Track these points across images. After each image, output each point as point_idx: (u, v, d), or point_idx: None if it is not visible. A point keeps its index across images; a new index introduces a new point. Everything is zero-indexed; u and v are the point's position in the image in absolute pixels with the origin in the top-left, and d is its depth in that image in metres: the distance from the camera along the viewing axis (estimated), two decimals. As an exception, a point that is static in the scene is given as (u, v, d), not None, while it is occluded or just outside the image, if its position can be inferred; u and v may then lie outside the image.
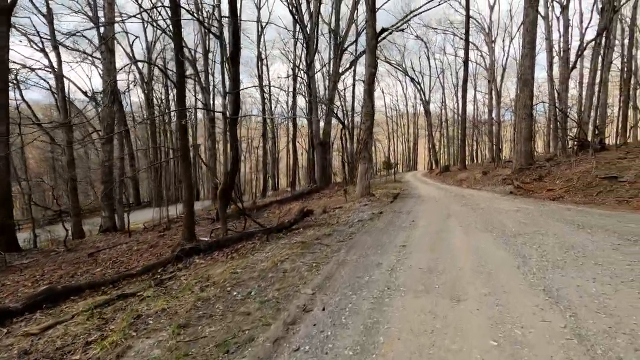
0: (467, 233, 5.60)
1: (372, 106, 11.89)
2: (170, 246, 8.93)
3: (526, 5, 14.09)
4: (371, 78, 11.64)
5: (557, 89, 26.66)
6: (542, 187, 13.20)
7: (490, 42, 35.45)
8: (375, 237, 5.84)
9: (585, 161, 12.96)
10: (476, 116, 45.25)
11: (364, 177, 12.04)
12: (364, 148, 11.94)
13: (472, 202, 9.75)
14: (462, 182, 21.71)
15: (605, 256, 3.94)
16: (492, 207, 8.37)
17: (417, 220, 7.20)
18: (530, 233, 5.27)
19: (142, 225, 15.34)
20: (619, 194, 9.75)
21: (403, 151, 61.71)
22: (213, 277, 4.31)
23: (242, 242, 6.50)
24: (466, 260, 4.15)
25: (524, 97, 14.55)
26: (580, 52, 27.13)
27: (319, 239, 6.08)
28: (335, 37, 22.36)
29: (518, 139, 14.99)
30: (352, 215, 8.96)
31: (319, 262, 4.62)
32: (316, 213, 10.43)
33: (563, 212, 7.31)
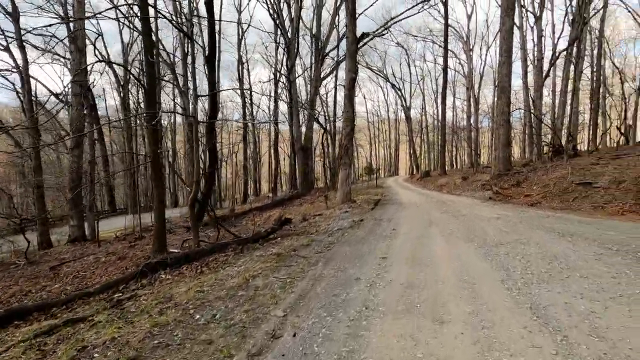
0: (448, 242, 5.40)
1: (352, 111, 11.71)
2: (140, 258, 8.40)
3: (502, 14, 14.32)
4: (351, 83, 11.48)
5: (532, 96, 27.39)
6: (520, 192, 13.33)
7: (469, 50, 36.23)
8: (355, 248, 5.56)
9: (560, 167, 13.18)
10: (455, 122, 46.11)
11: (344, 183, 11.81)
12: (345, 154, 11.73)
13: (452, 209, 9.65)
14: (443, 188, 21.85)
15: (589, 267, 3.79)
16: (472, 214, 8.27)
17: (398, 228, 6.98)
18: (512, 242, 5.13)
19: (114, 234, 14.57)
20: (594, 199, 9.88)
21: (385, 156, 62.20)
22: (176, 297, 3.91)
23: (215, 254, 6.10)
24: (448, 274, 3.92)
25: (502, 104, 14.74)
26: (553, 62, 28.04)
27: (296, 250, 5.76)
28: (317, 42, 22.24)
29: (496, 145, 15.16)
30: (332, 223, 8.68)
31: (294, 278, 4.30)
32: (295, 221, 10.10)
33: (542, 219, 7.26)
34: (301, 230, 8.08)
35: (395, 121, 58.76)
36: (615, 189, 9.74)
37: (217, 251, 6.26)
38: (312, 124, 22.29)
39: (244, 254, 6.09)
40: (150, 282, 4.99)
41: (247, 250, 6.38)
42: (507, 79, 14.56)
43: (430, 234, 6.10)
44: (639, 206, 8.65)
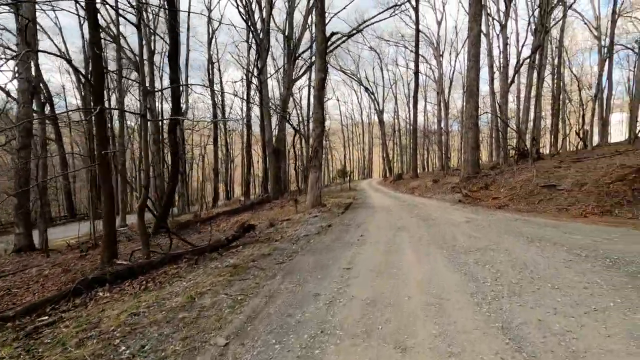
0: (417, 250, 5.10)
1: (322, 112, 11.36)
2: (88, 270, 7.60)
3: (470, 20, 14.49)
4: (321, 83, 11.13)
5: (499, 102, 28.22)
6: (488, 195, 13.45)
7: (439, 56, 37.02)
8: (319, 257, 5.16)
9: (526, 170, 13.43)
10: (427, 126, 47.01)
11: (314, 186, 11.42)
12: (315, 156, 11.34)
13: (423, 213, 9.47)
14: (414, 190, 21.96)
15: (560, 277, 3.57)
16: (442, 218, 8.09)
17: (366, 234, 6.65)
18: (482, 249, 4.89)
19: (67, 242, 13.41)
20: (558, 202, 10.02)
21: (359, 159, 62.55)
22: (105, 322, 3.34)
23: (166, 267, 5.51)
24: (415, 287, 3.58)
25: (470, 108, 14.90)
26: (517, 69, 29.00)
27: (255, 261, 5.28)
28: (289, 43, 21.81)
29: (465, 148, 15.30)
30: (299, 228, 8.25)
31: (247, 294, 3.83)
32: (262, 227, 9.59)
33: (510, 222, 7.16)
34: (265, 238, 7.58)
35: (368, 124, 59.25)
36: (577, 191, 9.92)
37: (168, 263, 5.66)
38: (284, 126, 21.79)
39: (198, 265, 5.53)
40: (85, 302, 4.35)
41: (204, 261, 5.82)
42: (475, 83, 14.74)
43: (399, 241, 5.79)
44: (600, 208, 8.80)
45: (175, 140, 11.78)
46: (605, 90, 31.34)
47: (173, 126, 11.61)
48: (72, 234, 16.43)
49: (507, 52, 28.43)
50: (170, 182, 11.98)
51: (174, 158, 11.79)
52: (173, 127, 11.61)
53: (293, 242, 6.67)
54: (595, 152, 20.05)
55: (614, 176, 9.51)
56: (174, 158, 11.82)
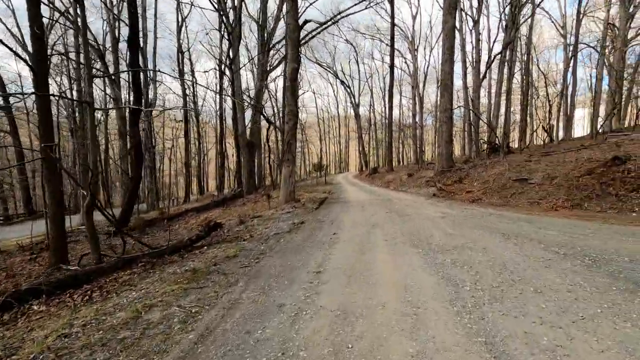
0: (392, 249, 4.80)
1: (295, 104, 10.87)
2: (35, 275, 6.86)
3: (445, 13, 14.36)
4: (294, 74, 10.62)
5: (471, 96, 28.69)
6: (462, 189, 13.48)
7: (414, 50, 37.16)
8: (288, 259, 4.75)
9: (498, 164, 13.55)
10: (402, 120, 47.37)
11: (287, 181, 10.97)
12: (287, 150, 10.87)
13: (398, 208, 9.25)
14: (390, 184, 21.94)
15: (542, 278, 3.35)
16: (418, 214, 7.88)
17: (339, 232, 6.30)
18: (458, 247, 4.65)
19: (19, 242, 12.29)
20: (530, 195, 10.09)
21: (335, 153, 62.42)
22: (27, 346, 2.80)
23: (118, 272, 4.93)
24: (390, 294, 3.25)
25: (444, 101, 14.85)
26: (489, 64, 29.47)
27: (218, 265, 4.81)
28: (262, 33, 21.03)
29: (440, 142, 15.29)
30: (270, 226, 7.81)
31: (203, 306, 3.38)
32: (232, 224, 9.06)
33: (485, 217, 7.03)
34: (233, 237, 7.09)
35: (345, 118, 59.09)
36: (548, 185, 10.02)
37: (122, 268, 5.08)
38: (258, 119, 21.09)
39: (154, 270, 4.99)
40: (14, 318, 3.74)
41: (162, 265, 5.28)
42: (450, 76, 14.68)
43: (374, 240, 5.47)
44: (570, 202, 8.89)
45: (137, 132, 10.96)
46: (569, 87, 32.53)
47: (134, 117, 10.78)
48: (26, 234, 15.21)
49: (479, 47, 28.82)
50: (132, 178, 11.17)
51: (137, 151, 10.98)
52: (134, 119, 10.78)
53: (262, 241, 6.22)
54: (562, 146, 20.70)
55: (583, 170, 9.65)
56: (136, 151, 11.01)
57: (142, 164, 11.38)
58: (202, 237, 6.63)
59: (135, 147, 11.03)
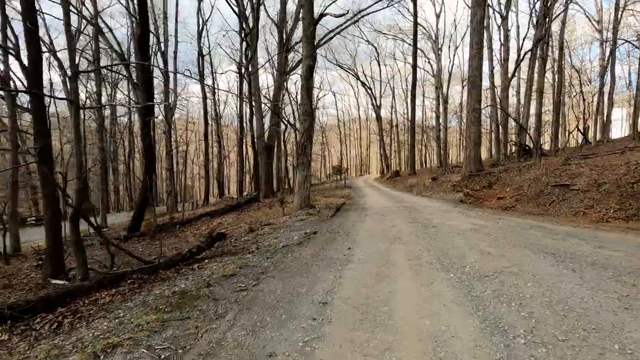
0: (417, 274, 3.94)
1: (310, 104, 10.15)
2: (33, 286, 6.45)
3: (473, 5, 13.27)
4: (309, 71, 9.91)
5: (499, 96, 27.10)
6: (492, 195, 12.31)
7: (437, 50, 35.72)
8: (291, 282, 3.99)
9: (533, 167, 12.27)
10: (425, 121, 45.81)
11: (302, 186, 10.24)
12: (302, 153, 10.15)
13: (422, 217, 8.31)
14: (412, 189, 20.82)
15: (626, 329, 2.42)
16: (445, 225, 6.93)
17: (354, 247, 5.48)
18: (500, 272, 3.73)
19: (33, 247, 12.20)
20: (573, 204, 8.88)
21: (356, 156, 61.37)
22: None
23: (101, 292, 4.33)
24: (413, 348, 2.42)
25: (472, 100, 13.71)
26: (519, 62, 27.80)
27: (211, 286, 4.11)
28: (281, 34, 20.53)
29: (467, 144, 14.14)
30: (280, 236, 7.09)
31: (176, 349, 2.66)
32: (241, 232, 8.43)
33: (526, 231, 6.01)
34: (239, 248, 6.42)
35: (366, 120, 57.98)
36: (595, 192, 8.77)
37: (108, 286, 4.49)
38: (277, 121, 20.57)
39: (142, 289, 4.36)
40: (-32, 350, 3.17)
41: (154, 282, 4.66)
42: (478, 72, 13.53)
43: (394, 259, 4.62)
44: (624, 212, 7.67)
45: (148, 134, 10.57)
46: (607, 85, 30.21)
47: (145, 118, 10.39)
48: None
49: (507, 45, 27.27)
50: (143, 181, 10.78)
51: (148, 154, 10.58)
52: (145, 120, 10.39)
53: (268, 255, 5.50)
54: (601, 148, 18.92)
55: (638, 175, 8.36)
56: (147, 154, 10.62)
57: (154, 166, 10.97)
58: (203, 250, 5.99)
59: (146, 150, 10.65)
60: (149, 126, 10.66)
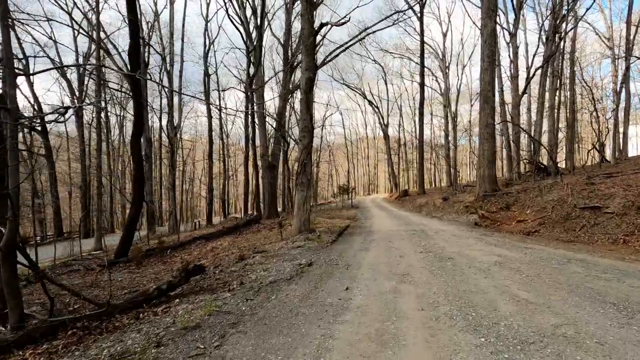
0: (433, 338, 2.88)
1: (310, 120, 9.33)
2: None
3: (483, 17, 12.53)
4: (308, 84, 9.14)
5: (510, 113, 26.14)
6: (510, 217, 11.14)
7: (445, 68, 35.19)
8: (264, 345, 2.97)
9: (556, 187, 11.11)
10: (433, 140, 44.87)
11: (302, 208, 9.28)
12: (302, 171, 9.25)
13: (435, 245, 7.22)
14: (422, 209, 19.65)
15: None
16: (463, 256, 5.84)
17: (353, 287, 4.44)
18: (550, 337, 2.67)
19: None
20: (609, 229, 7.69)
21: (363, 174, 60.39)
22: None
23: (22, 351, 3.37)
24: None
25: (485, 115, 12.76)
26: (529, 79, 26.93)
27: (162, 346, 3.12)
28: (285, 52, 20.14)
29: (481, 161, 13.08)
30: (270, 267, 6.09)
31: None
32: (230, 261, 7.44)
33: (564, 266, 4.89)
34: (220, 283, 5.43)
35: (373, 139, 57.29)
36: (634, 215, 7.60)
37: (40, 339, 3.53)
38: (280, 140, 19.87)
39: (80, 345, 3.38)
40: None
41: (99, 334, 3.69)
42: (490, 87, 12.64)
43: (402, 308, 3.57)
44: (674, 240, 6.49)
45: (138, 152, 9.83)
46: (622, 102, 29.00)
47: (136, 136, 9.69)
48: (46, 257, 14.41)
49: (516, 62, 26.58)
50: (132, 203, 9.97)
51: (137, 174, 9.81)
52: (136, 136, 9.68)
53: (250, 295, 4.50)
54: (623, 166, 17.62)
55: (685, 197, 7.19)
56: (136, 174, 9.85)
57: (143, 187, 10.18)
58: (177, 285, 5.02)
59: (136, 169, 9.88)
60: (139, 143, 9.93)
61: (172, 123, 23.30)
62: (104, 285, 7.61)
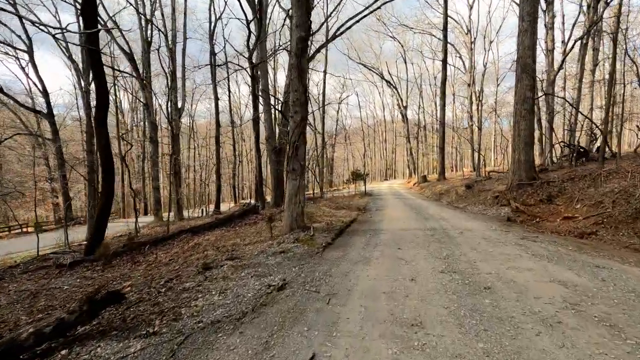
0: None
1: (303, 91, 7.36)
2: None
3: (525, -36, 9.94)
4: (301, 45, 7.14)
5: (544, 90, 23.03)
6: (553, 212, 8.92)
7: (470, 44, 31.80)
8: None
9: (615, 175, 8.73)
10: (455, 122, 41.65)
11: (293, 200, 7.46)
12: (294, 155, 7.37)
13: (462, 258, 5.23)
14: (442, 197, 17.44)
15: None
16: (506, 282, 3.87)
17: (328, 350, 2.61)
18: None
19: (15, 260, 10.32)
20: None
21: (381, 158, 57.77)
22: None
23: None
24: None
25: (523, 88, 10.35)
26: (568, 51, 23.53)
27: None
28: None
29: (515, 144, 10.73)
30: (231, 287, 4.36)
31: None
32: (190, 272, 5.75)
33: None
34: (153, 313, 3.74)
35: (392, 122, 54.31)
36: None
37: None
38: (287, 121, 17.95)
39: None
40: None
41: None
42: (531, 52, 10.16)
43: None
44: None
45: (104, 133, 8.24)
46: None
47: (100, 113, 8.07)
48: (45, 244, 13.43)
49: (552, 34, 23.24)
50: (102, 195, 8.47)
51: (105, 158, 8.26)
52: (99, 117, 8.06)
53: (166, 351, 2.77)
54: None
55: None
56: (104, 159, 8.30)
57: (113, 174, 8.61)
58: (74, 324, 3.35)
59: (102, 153, 8.31)
60: (104, 125, 8.30)
61: (175, 105, 21.80)
62: (52, 292, 6.17)
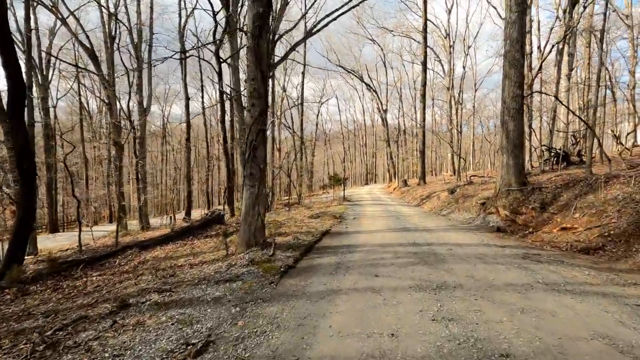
0: None
1: (262, 79, 6.02)
2: None
3: (512, -49, 9.05)
4: (258, 24, 5.80)
5: (524, 94, 22.62)
6: (547, 221, 7.91)
7: (449, 47, 31.42)
8: None
9: (616, 181, 7.82)
10: (434, 127, 41.33)
11: (250, 212, 6.07)
12: (251, 157, 6.01)
13: (457, 294, 4.01)
14: (424, 203, 16.43)
15: None
16: (516, 318, 2.63)
17: None
18: None
19: None
20: None
21: (361, 162, 56.99)
22: None
23: None
24: None
25: (511, 85, 9.41)
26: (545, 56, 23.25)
27: None
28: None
29: (503, 146, 9.76)
30: (138, 342, 2.95)
31: None
32: (100, 313, 4.28)
33: None
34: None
35: (372, 127, 53.69)
36: None
37: None
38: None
39: None
40: None
41: None
42: (519, 46, 9.25)
43: None
44: None
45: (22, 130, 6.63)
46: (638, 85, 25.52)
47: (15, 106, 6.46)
48: None
49: (530, 38, 22.99)
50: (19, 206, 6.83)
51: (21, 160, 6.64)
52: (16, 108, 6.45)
53: None
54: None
55: None
56: (19, 160, 6.67)
57: (33, 181, 6.97)
58: None
59: (19, 155, 6.68)
60: (22, 118, 6.69)
61: (140, 104, 19.93)
62: None
